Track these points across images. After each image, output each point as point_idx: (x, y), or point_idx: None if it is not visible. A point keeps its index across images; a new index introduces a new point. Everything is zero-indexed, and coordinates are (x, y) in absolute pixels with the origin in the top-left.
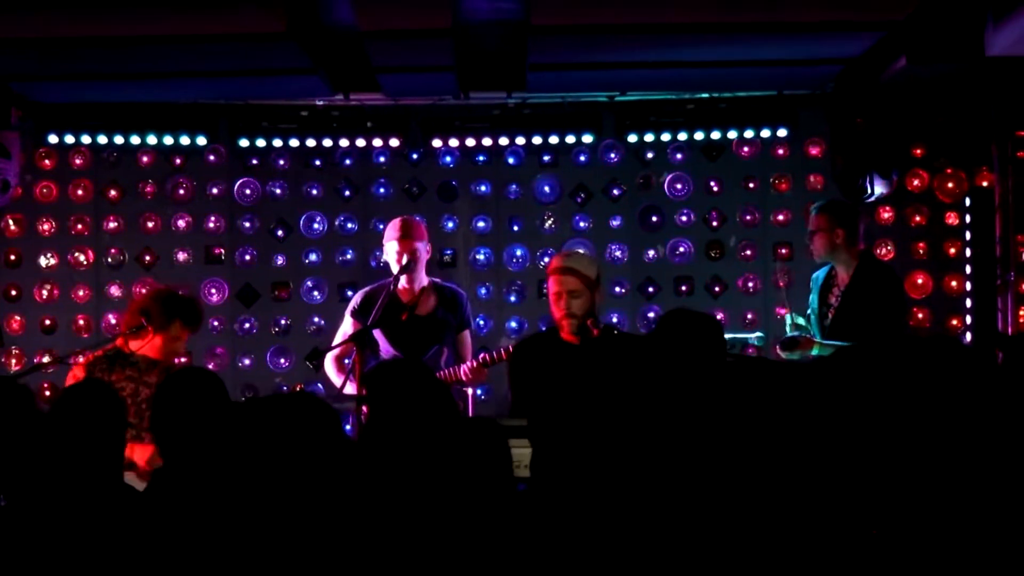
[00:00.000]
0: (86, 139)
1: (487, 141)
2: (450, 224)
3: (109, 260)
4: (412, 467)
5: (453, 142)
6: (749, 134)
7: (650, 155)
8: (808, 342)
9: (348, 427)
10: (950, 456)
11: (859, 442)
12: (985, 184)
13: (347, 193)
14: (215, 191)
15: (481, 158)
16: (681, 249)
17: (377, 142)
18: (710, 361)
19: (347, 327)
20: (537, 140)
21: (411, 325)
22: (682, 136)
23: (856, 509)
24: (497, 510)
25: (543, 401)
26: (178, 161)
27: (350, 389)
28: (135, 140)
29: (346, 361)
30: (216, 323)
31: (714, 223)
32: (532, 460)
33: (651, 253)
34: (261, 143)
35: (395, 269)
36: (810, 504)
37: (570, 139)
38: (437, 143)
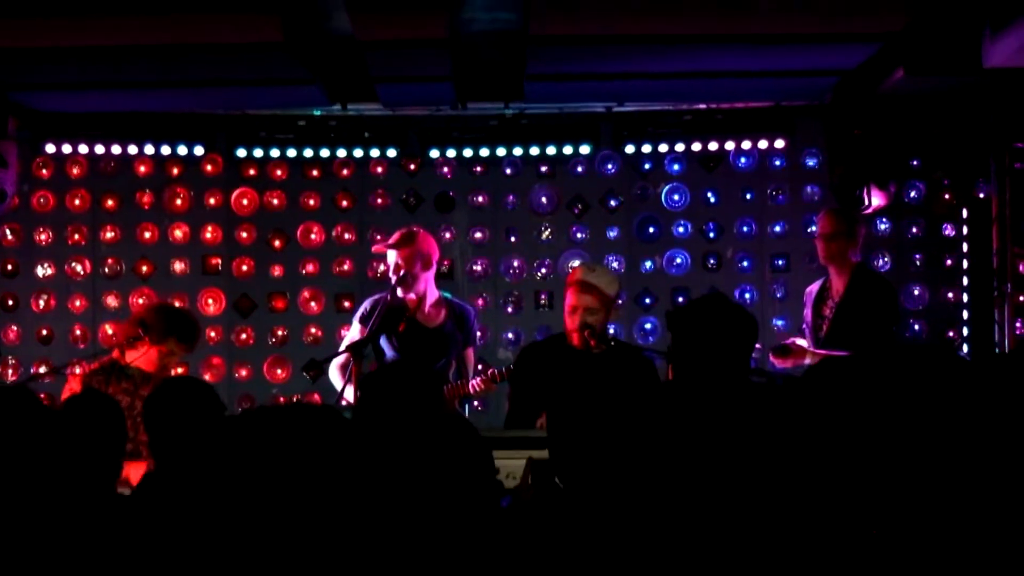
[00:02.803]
0: (83, 148)
1: (484, 152)
2: (447, 235)
3: (106, 270)
4: (397, 469)
5: (450, 152)
6: (746, 145)
7: (647, 166)
8: (800, 352)
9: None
10: (941, 465)
11: (848, 451)
12: (982, 196)
13: (344, 204)
14: (212, 201)
15: (478, 169)
16: (678, 260)
17: (375, 152)
18: (741, 362)
19: (355, 333)
20: (534, 151)
21: (420, 336)
22: (679, 147)
23: (850, 517)
24: (483, 517)
25: (556, 404)
26: (175, 171)
27: (349, 396)
28: (132, 150)
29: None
30: (213, 333)
31: (711, 234)
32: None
33: (648, 264)
34: (258, 153)
35: (402, 281)
36: (811, 511)
37: (567, 150)
38: (434, 153)
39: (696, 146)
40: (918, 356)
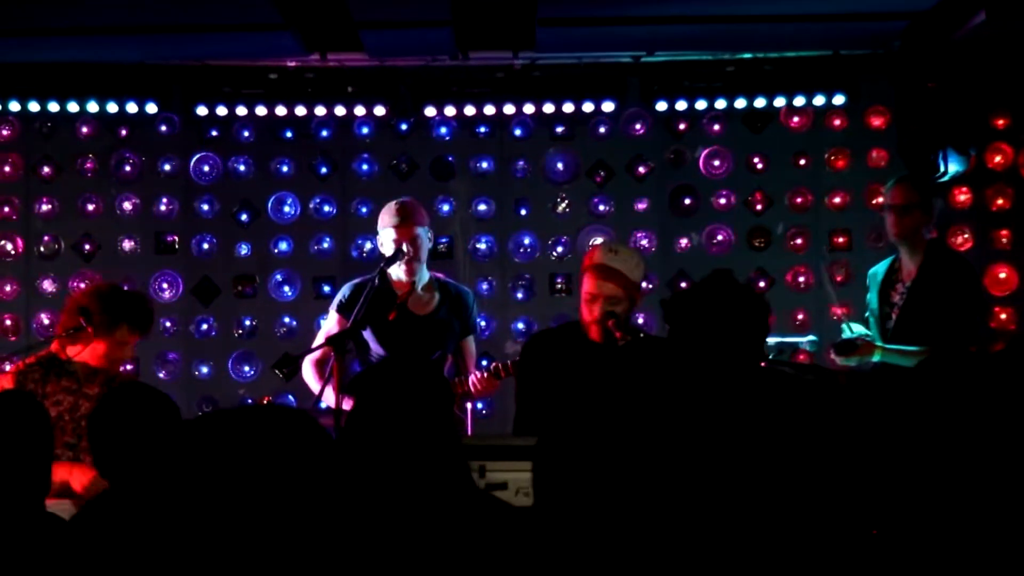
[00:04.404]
0: (14, 106)
1: (489, 110)
2: (446, 207)
3: (42, 249)
4: (386, 489)
5: (449, 111)
6: (800, 102)
7: (682, 126)
8: (868, 347)
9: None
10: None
11: (927, 468)
12: None
13: (324, 171)
14: (167, 168)
15: (482, 130)
16: (719, 237)
17: (359, 110)
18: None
19: (331, 325)
20: (549, 108)
21: (408, 326)
22: (720, 104)
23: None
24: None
25: (557, 407)
26: (123, 132)
27: (329, 399)
28: (73, 107)
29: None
30: (168, 324)
31: (758, 206)
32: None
33: (683, 242)
34: (222, 111)
35: (394, 260)
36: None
37: (588, 107)
38: (430, 112)
39: (740, 103)
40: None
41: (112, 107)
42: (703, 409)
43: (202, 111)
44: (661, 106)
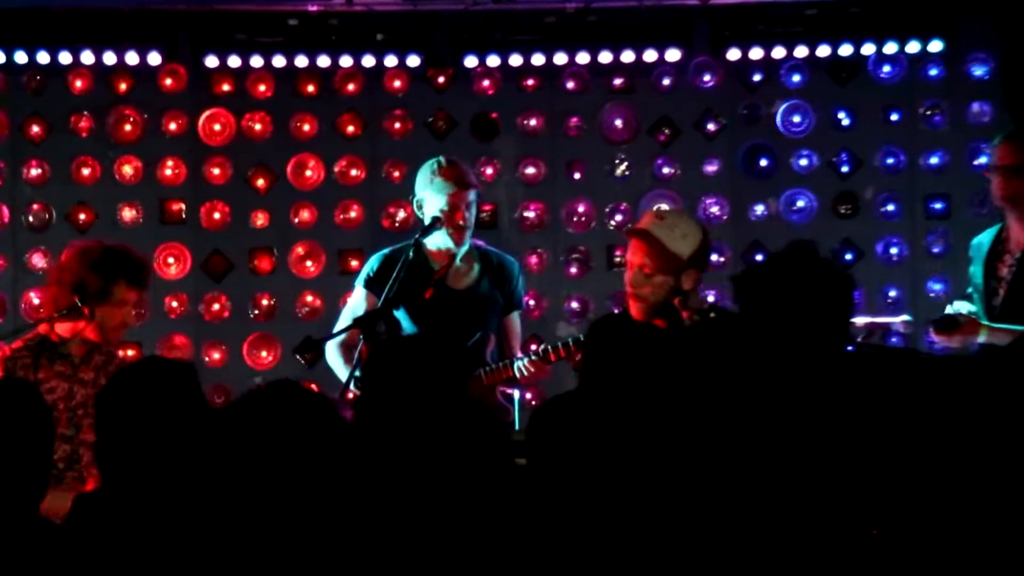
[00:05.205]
0: None
1: (538, 59)
2: (489, 170)
3: (31, 219)
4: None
5: (493, 61)
6: (891, 48)
7: (757, 77)
8: (973, 325)
9: None
10: None
11: None
12: None
13: (350, 130)
14: (173, 127)
15: (530, 82)
16: (800, 203)
17: (390, 61)
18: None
19: (358, 303)
20: (605, 58)
21: (447, 303)
22: (800, 51)
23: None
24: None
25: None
26: (123, 86)
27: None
28: (65, 58)
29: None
30: (175, 303)
31: (844, 168)
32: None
33: (759, 209)
34: (234, 62)
35: (442, 229)
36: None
37: (649, 56)
38: (471, 62)
39: (823, 50)
40: None
41: (110, 57)
42: (779, 401)
43: (212, 62)
44: (733, 54)
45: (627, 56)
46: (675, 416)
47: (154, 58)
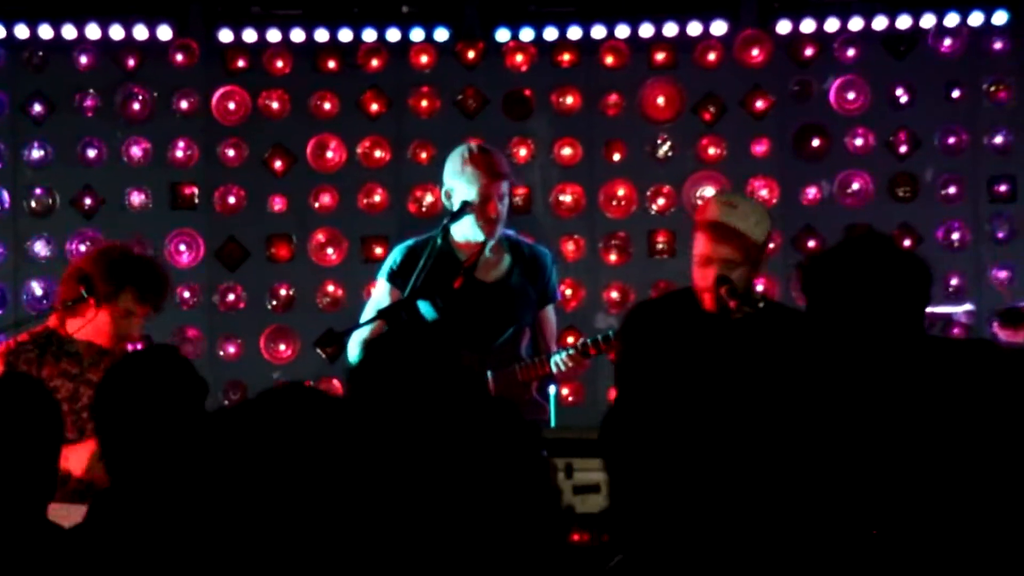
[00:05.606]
0: None
1: (575, 32)
2: (522, 151)
3: (33, 205)
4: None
5: (526, 34)
6: (952, 20)
7: (809, 51)
8: None
9: None
10: None
11: None
12: None
13: (374, 108)
14: (184, 105)
15: (566, 57)
16: (855, 186)
17: (417, 35)
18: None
19: (382, 296)
20: (647, 31)
21: (475, 296)
22: (855, 24)
23: None
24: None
25: (665, 392)
26: (131, 63)
27: None
28: (69, 33)
29: None
30: (187, 294)
31: (902, 148)
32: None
33: (811, 192)
34: (250, 36)
35: (471, 216)
36: None
37: (694, 29)
38: (503, 36)
39: (879, 22)
40: None
41: (117, 32)
42: (863, 396)
43: (226, 36)
44: (783, 27)
45: (670, 29)
46: (739, 409)
47: (164, 32)
